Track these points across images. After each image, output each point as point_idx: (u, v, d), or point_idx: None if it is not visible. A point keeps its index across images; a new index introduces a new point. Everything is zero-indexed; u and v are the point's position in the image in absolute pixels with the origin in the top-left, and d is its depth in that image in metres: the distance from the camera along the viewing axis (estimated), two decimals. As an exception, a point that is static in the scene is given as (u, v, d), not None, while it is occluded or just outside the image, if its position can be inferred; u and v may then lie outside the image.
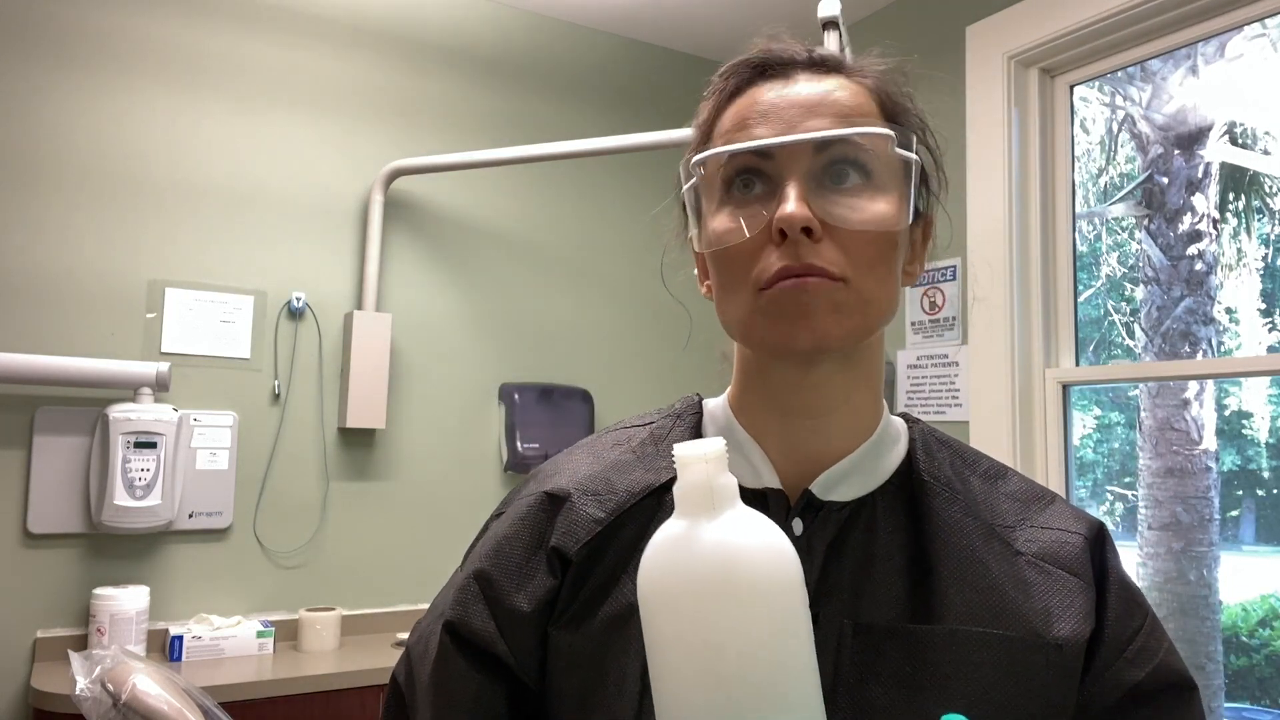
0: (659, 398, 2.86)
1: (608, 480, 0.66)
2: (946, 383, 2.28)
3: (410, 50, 2.55)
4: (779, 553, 0.47)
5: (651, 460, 0.67)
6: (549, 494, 0.66)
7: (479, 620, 0.63)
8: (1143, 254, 3.65)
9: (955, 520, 0.63)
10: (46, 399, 2.06)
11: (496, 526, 0.68)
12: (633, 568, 0.61)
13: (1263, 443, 3.86)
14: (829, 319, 0.58)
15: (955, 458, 0.68)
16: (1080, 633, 0.60)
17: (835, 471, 0.63)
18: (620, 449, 0.69)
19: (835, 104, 0.61)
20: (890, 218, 0.60)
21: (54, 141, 2.11)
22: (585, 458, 0.69)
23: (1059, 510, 0.67)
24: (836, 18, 1.30)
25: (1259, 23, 1.90)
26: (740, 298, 0.60)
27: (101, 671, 1.64)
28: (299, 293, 2.35)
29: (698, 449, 0.48)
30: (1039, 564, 0.62)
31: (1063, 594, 0.61)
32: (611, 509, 0.64)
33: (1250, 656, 4.04)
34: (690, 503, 0.48)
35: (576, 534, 0.63)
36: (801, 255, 0.57)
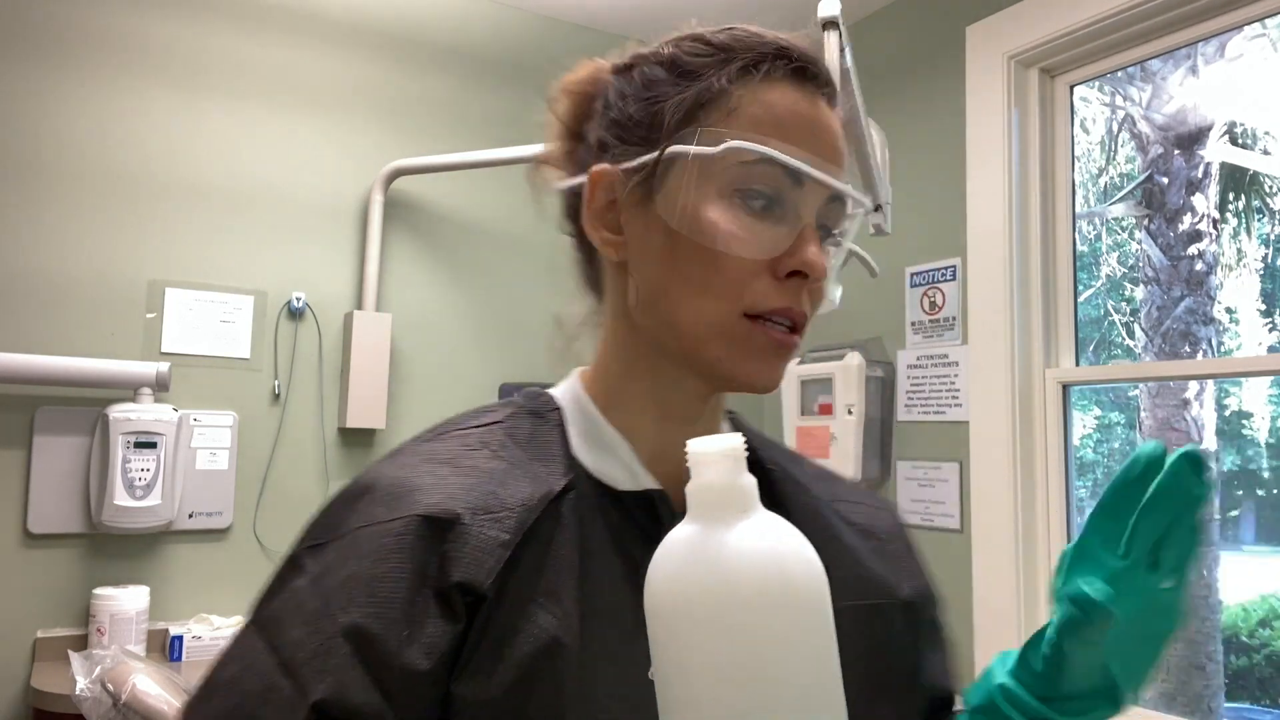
0: (659, 398, 2.86)
1: (493, 494, 0.55)
2: (946, 383, 2.28)
3: (410, 50, 2.55)
4: (813, 557, 0.44)
5: (529, 466, 0.58)
6: (427, 517, 0.53)
7: (360, 692, 0.48)
8: (1143, 254, 3.64)
9: (806, 502, 0.65)
10: (46, 399, 2.06)
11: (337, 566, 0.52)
12: (543, 594, 0.53)
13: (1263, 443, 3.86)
14: (785, 369, 0.59)
15: (770, 445, 0.70)
16: (918, 587, 0.67)
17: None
18: (482, 455, 0.59)
19: (843, 154, 0.61)
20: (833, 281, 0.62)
21: (54, 141, 2.11)
22: (440, 468, 0.57)
23: (853, 485, 0.73)
24: (836, 18, 1.30)
25: (1259, 23, 1.90)
26: (713, 309, 0.56)
27: (101, 671, 1.64)
28: (299, 293, 2.35)
29: (717, 445, 0.44)
30: (870, 533, 0.67)
31: (896, 558, 0.67)
32: (513, 528, 0.54)
33: (1250, 656, 4.04)
34: (716, 505, 0.43)
35: (484, 562, 0.52)
36: (801, 301, 0.57)
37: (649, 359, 0.62)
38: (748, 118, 0.57)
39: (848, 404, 2.35)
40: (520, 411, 0.63)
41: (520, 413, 0.63)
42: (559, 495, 0.57)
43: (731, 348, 0.57)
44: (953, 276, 2.29)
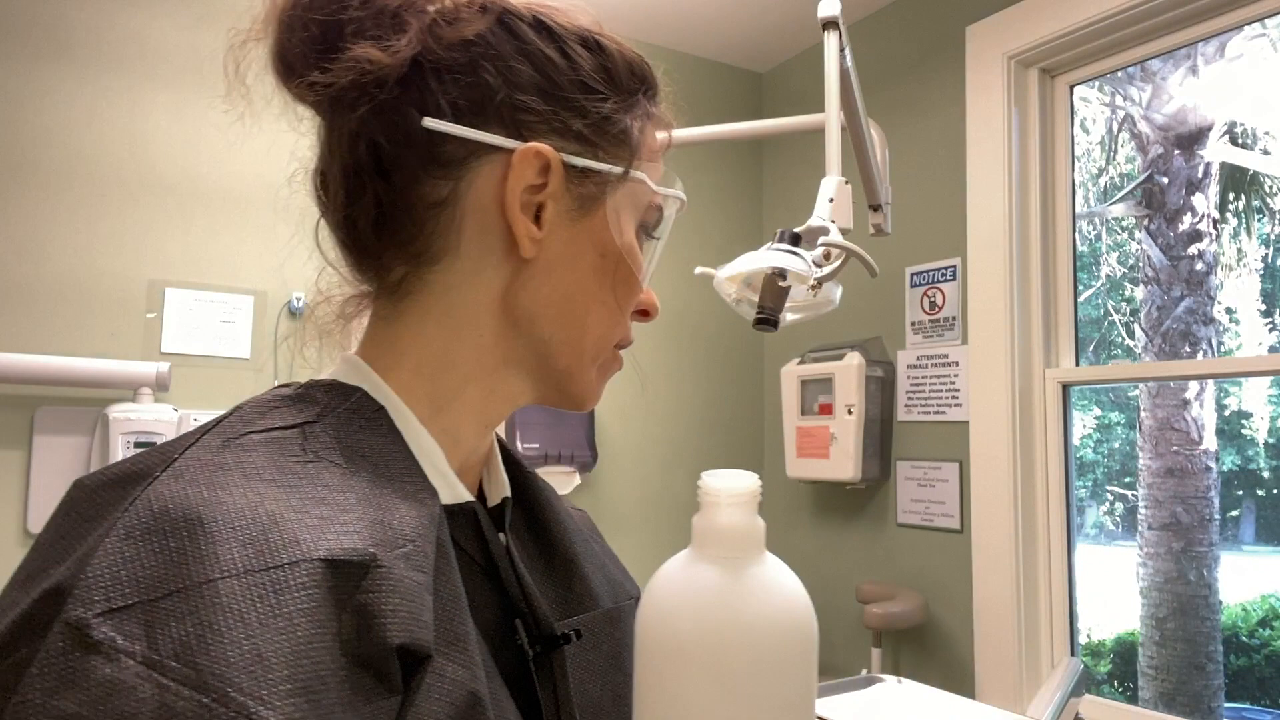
0: (659, 398, 2.87)
1: (385, 524, 0.42)
2: (946, 383, 2.29)
3: (410, 50, 2.55)
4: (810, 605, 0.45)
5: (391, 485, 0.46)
6: (331, 561, 0.38)
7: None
8: (1143, 254, 3.64)
9: (564, 510, 0.65)
10: (46, 399, 2.06)
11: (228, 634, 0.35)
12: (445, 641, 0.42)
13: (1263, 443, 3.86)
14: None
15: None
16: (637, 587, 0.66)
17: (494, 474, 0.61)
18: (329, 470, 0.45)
19: None
20: None
21: (54, 141, 2.11)
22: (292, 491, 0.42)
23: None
24: (836, 18, 1.30)
25: (1259, 23, 1.90)
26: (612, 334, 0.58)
27: (101, 671, 1.64)
28: (299, 293, 2.35)
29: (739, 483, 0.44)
30: (593, 537, 0.68)
31: (610, 557, 0.67)
32: (422, 565, 0.42)
33: (1250, 656, 4.04)
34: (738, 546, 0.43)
35: (420, 614, 0.40)
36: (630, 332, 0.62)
37: (509, 364, 0.55)
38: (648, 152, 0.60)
39: (848, 404, 2.36)
40: (332, 411, 0.49)
41: (334, 412, 0.49)
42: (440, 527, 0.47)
43: (599, 371, 0.59)
44: (953, 276, 2.29)
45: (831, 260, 1.14)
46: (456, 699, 0.41)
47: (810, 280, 1.10)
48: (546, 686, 0.52)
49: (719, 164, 2.99)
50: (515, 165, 0.52)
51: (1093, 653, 3.96)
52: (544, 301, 0.54)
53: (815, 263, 1.12)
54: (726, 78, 3.07)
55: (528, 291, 0.53)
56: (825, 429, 2.41)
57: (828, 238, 1.15)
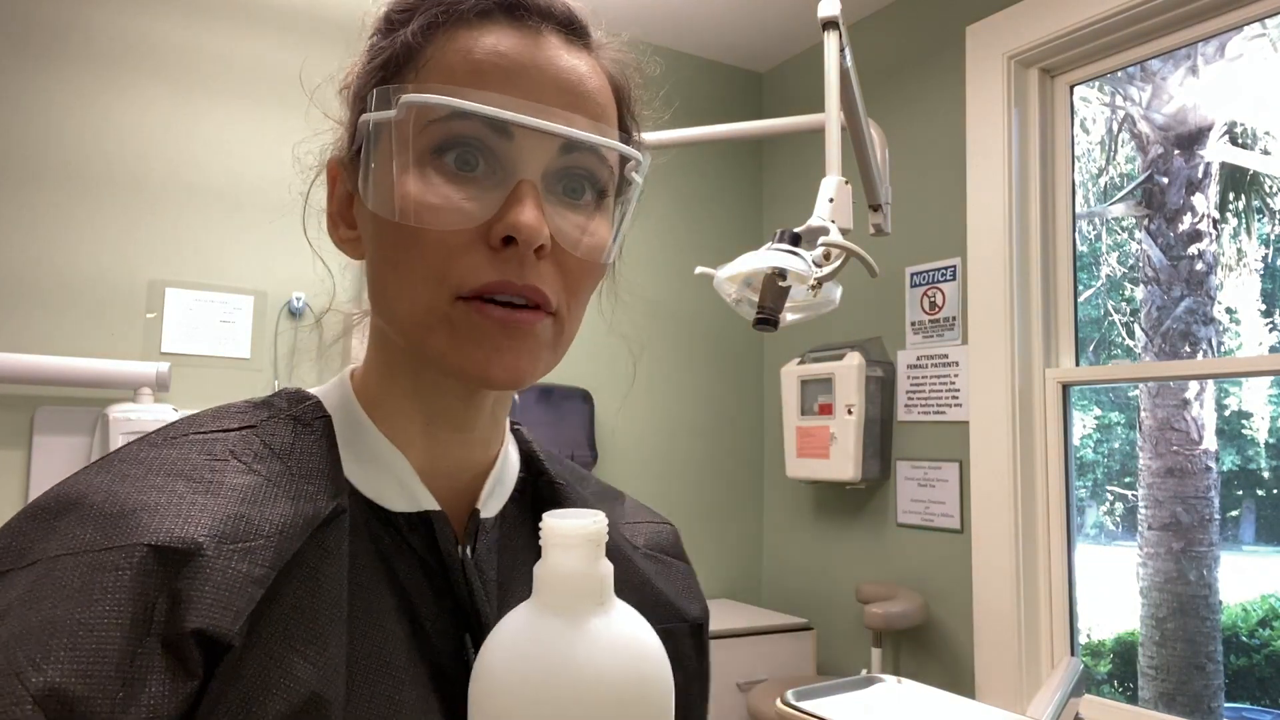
0: (659, 398, 2.87)
1: (242, 517, 0.45)
2: (946, 383, 2.28)
3: (410, 50, 2.55)
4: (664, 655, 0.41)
5: (289, 484, 0.48)
6: (156, 547, 0.41)
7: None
8: (1143, 254, 3.64)
9: None
10: (46, 399, 2.06)
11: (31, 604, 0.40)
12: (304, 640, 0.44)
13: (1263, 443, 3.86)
14: (529, 356, 0.49)
15: (554, 459, 0.65)
16: (703, 608, 0.64)
17: (489, 485, 0.56)
18: (231, 467, 0.48)
19: (588, 96, 0.51)
20: (608, 247, 0.52)
21: (54, 141, 2.11)
22: (175, 484, 0.45)
23: (635, 505, 0.68)
24: (836, 18, 1.30)
25: (1259, 23, 1.90)
26: (424, 294, 0.48)
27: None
28: (299, 293, 2.35)
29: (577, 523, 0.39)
30: (654, 555, 0.64)
31: (679, 578, 0.64)
32: (268, 561, 0.43)
33: (1250, 656, 4.04)
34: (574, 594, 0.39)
35: (231, 603, 0.41)
36: (526, 273, 0.48)
37: (409, 359, 0.53)
38: (439, 70, 0.49)
39: (848, 404, 2.36)
40: (279, 416, 0.53)
41: (279, 417, 0.53)
42: (326, 520, 0.47)
43: (453, 337, 0.48)
44: (953, 276, 2.29)
45: (831, 260, 1.14)
46: (297, 697, 0.42)
47: (810, 280, 1.10)
48: None
49: (719, 164, 2.99)
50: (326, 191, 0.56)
51: (1093, 653, 3.97)
52: (369, 291, 0.53)
53: (815, 263, 1.12)
54: (726, 78, 3.07)
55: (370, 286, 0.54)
56: (825, 429, 2.41)
57: (828, 238, 1.15)
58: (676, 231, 2.92)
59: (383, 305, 0.52)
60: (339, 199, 0.56)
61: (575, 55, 0.51)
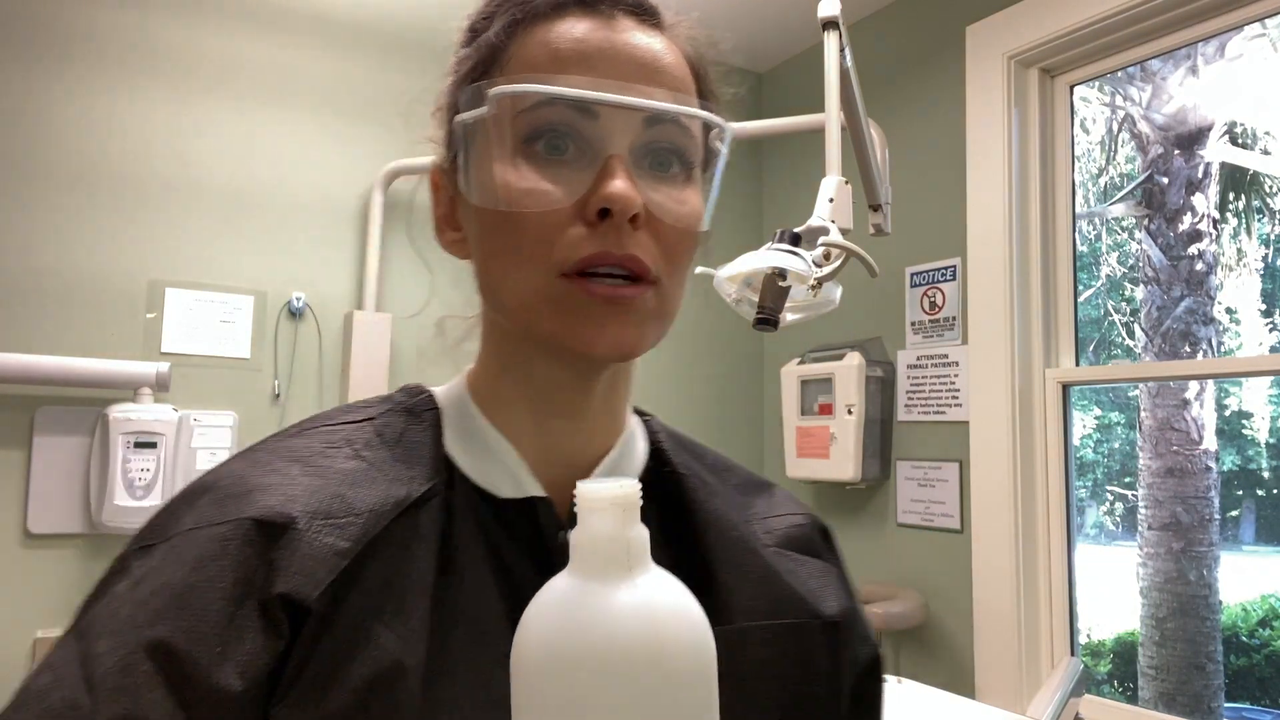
0: (659, 397, 2.86)
1: (340, 497, 0.50)
2: (946, 383, 2.28)
3: (410, 50, 2.55)
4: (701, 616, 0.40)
5: (391, 468, 0.53)
6: (258, 520, 0.47)
7: (159, 714, 0.43)
8: (1143, 254, 3.64)
9: (719, 512, 0.59)
10: (46, 399, 2.06)
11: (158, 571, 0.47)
12: (390, 612, 0.47)
13: (1263, 443, 3.86)
14: (635, 329, 0.51)
15: (689, 451, 0.64)
16: (844, 607, 0.60)
17: (600, 474, 0.57)
18: (342, 454, 0.53)
19: (666, 71, 0.53)
20: (701, 215, 0.54)
21: (54, 141, 2.11)
22: (290, 467, 0.52)
23: (781, 498, 0.66)
24: (836, 18, 1.30)
25: (1259, 23, 1.90)
26: (529, 276, 0.50)
27: (101, 671, 1.64)
28: (299, 293, 2.35)
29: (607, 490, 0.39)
30: (785, 552, 0.62)
31: (815, 576, 0.61)
32: (356, 536, 0.48)
33: (1250, 656, 4.04)
34: (601, 559, 0.39)
35: (315, 573, 0.46)
36: (624, 243, 0.49)
37: (521, 352, 0.56)
38: (521, 64, 0.52)
39: (848, 404, 2.36)
40: (396, 409, 0.58)
41: (395, 410, 0.58)
42: (418, 502, 0.51)
43: (560, 315, 0.50)
44: (953, 276, 2.29)
45: (831, 260, 1.14)
46: (379, 664, 0.46)
47: (810, 280, 1.10)
48: None
49: (719, 164, 2.99)
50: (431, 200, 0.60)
51: (1093, 653, 3.96)
52: (479, 285, 0.56)
53: (815, 263, 1.12)
54: (725, 78, 3.07)
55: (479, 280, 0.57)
56: (825, 429, 2.41)
57: (828, 238, 1.15)
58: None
59: (492, 295, 0.55)
60: (443, 204, 0.59)
61: (649, 34, 0.54)
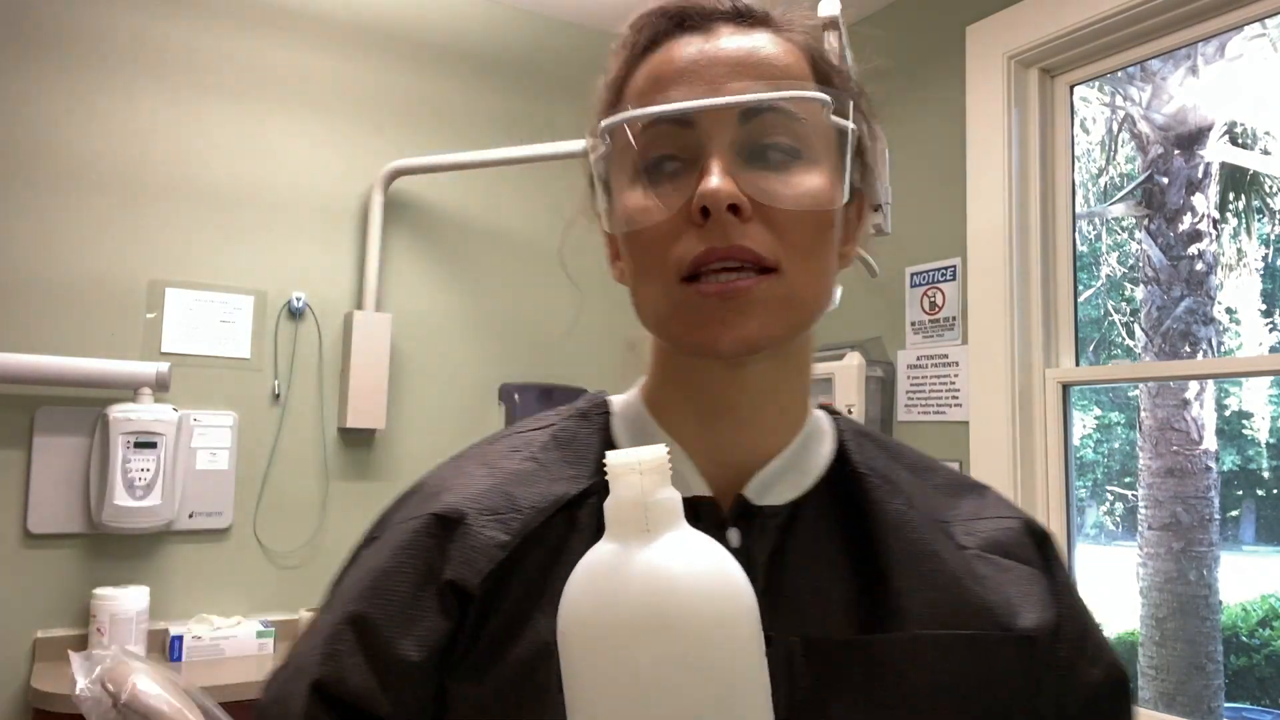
0: (659, 398, 2.86)
1: (507, 495, 0.56)
2: (946, 383, 2.28)
3: (410, 50, 2.55)
4: (725, 580, 0.40)
5: (558, 468, 0.58)
6: (437, 515, 0.55)
7: (356, 676, 0.51)
8: (1143, 254, 3.64)
9: (901, 514, 0.58)
10: (46, 399, 2.06)
11: (370, 557, 0.56)
12: (546, 599, 0.52)
13: (1263, 443, 3.86)
14: (758, 320, 0.52)
15: (881, 450, 0.63)
16: (1046, 620, 0.57)
17: (768, 473, 0.57)
18: (518, 456, 0.59)
19: (764, 63, 0.54)
20: (825, 194, 0.53)
21: (54, 141, 2.11)
22: (477, 469, 0.59)
23: (993, 500, 0.63)
24: (836, 18, 1.30)
25: (1259, 23, 1.90)
26: (657, 286, 0.53)
27: (101, 671, 1.64)
28: (299, 293, 2.35)
29: (630, 457, 0.40)
30: (986, 556, 0.58)
31: (1018, 583, 0.58)
32: (516, 530, 0.54)
33: (1250, 656, 4.04)
34: (622, 523, 0.40)
35: (476, 563, 0.53)
36: (730, 235, 0.51)
37: (675, 359, 0.59)
38: (631, 97, 0.56)
39: (848, 404, 2.35)
40: (574, 415, 0.63)
41: (573, 416, 0.63)
42: (576, 499, 0.56)
43: (685, 319, 0.53)
44: (953, 276, 2.29)
45: (832, 260, 1.13)
46: (532, 648, 0.51)
47: (810, 280, 1.10)
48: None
49: (719, 164, 2.99)
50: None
51: (1093, 653, 3.95)
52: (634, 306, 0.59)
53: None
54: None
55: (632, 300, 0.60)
56: (825, 429, 2.41)
57: (828, 238, 1.15)
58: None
59: (638, 312, 0.58)
60: (609, 239, 0.63)
61: (747, 34, 0.55)
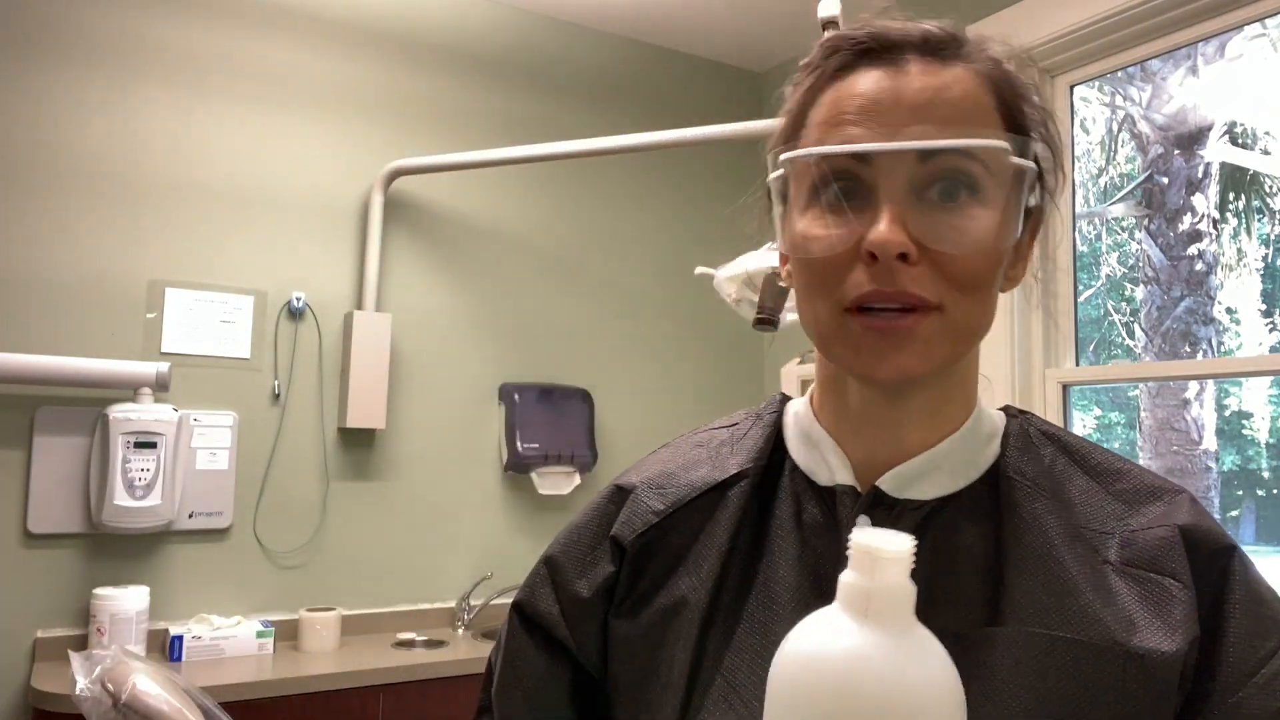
0: (659, 398, 2.86)
1: (673, 474, 0.67)
2: (946, 383, 2.28)
3: (410, 50, 2.55)
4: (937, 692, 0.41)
5: (721, 458, 0.66)
6: (619, 486, 0.68)
7: (544, 604, 0.67)
8: (1143, 254, 3.64)
9: (1036, 517, 0.58)
10: (46, 399, 2.06)
11: (574, 517, 0.71)
12: (690, 562, 0.62)
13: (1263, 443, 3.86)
14: (917, 354, 0.54)
15: (1061, 454, 0.62)
16: (1172, 645, 0.52)
17: (909, 468, 0.59)
18: (698, 449, 0.69)
19: (946, 105, 0.55)
20: (995, 234, 0.54)
21: (54, 141, 2.11)
22: (665, 455, 0.70)
23: (1176, 507, 0.58)
24: (836, 18, 1.30)
25: (1259, 23, 1.90)
26: (822, 310, 0.57)
27: (101, 671, 1.64)
28: (299, 293, 2.35)
29: (873, 541, 0.41)
30: (1129, 570, 0.56)
31: (1154, 601, 0.54)
32: (670, 502, 0.65)
33: (1250, 656, 4.02)
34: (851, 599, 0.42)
35: (634, 524, 0.65)
36: (896, 280, 0.53)
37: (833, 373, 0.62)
38: (814, 127, 0.58)
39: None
40: (752, 414, 0.70)
41: (752, 415, 0.70)
42: (726, 483, 0.64)
43: (846, 345, 0.56)
44: (953, 276, 2.29)
45: (832, 260, 1.14)
46: (671, 600, 0.61)
47: (810, 280, 1.10)
48: None
49: (718, 164, 2.99)
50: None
51: (1093, 653, 3.95)
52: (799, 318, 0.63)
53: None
54: (725, 78, 3.07)
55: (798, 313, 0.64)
56: (825, 429, 2.41)
57: (828, 238, 1.15)
58: (676, 231, 2.92)
59: (804, 325, 0.61)
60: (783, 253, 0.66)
61: (934, 72, 0.56)
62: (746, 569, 0.61)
